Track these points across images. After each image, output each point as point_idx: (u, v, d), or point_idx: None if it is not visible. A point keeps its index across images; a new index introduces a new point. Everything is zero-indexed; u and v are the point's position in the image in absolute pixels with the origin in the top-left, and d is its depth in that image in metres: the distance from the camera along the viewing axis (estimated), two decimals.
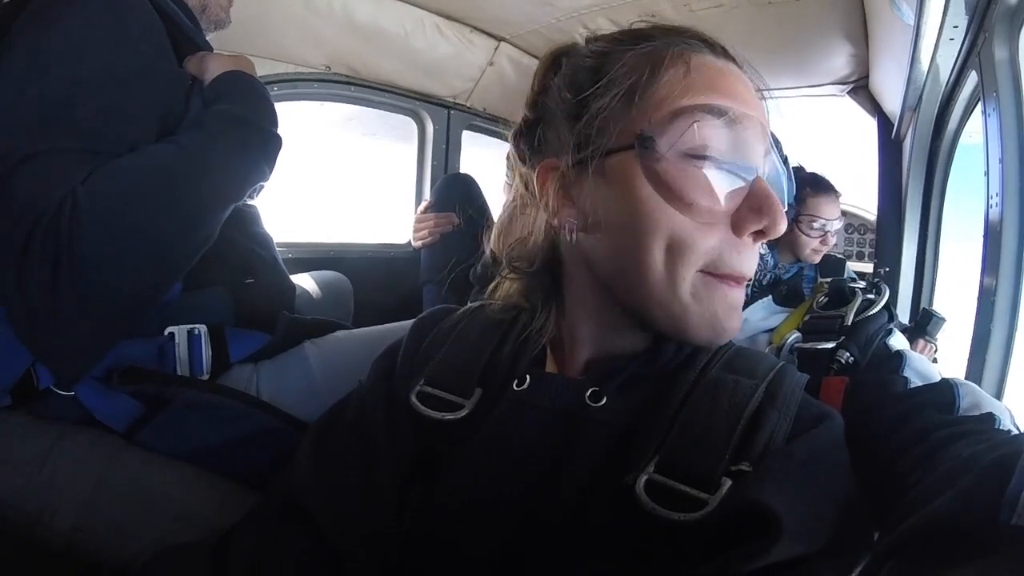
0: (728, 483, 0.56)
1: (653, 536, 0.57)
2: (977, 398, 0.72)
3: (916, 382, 0.81)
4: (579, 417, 0.66)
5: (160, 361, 1.05)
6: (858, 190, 3.22)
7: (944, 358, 2.14)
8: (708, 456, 0.58)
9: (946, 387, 0.74)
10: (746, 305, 1.06)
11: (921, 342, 2.11)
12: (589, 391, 0.67)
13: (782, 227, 0.63)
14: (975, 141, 1.72)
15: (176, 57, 1.09)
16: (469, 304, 0.89)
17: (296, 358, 1.17)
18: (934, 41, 1.47)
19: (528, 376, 0.71)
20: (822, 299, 1.01)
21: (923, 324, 2.12)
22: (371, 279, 2.27)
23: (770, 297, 1.07)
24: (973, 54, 1.47)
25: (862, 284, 1.01)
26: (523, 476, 0.65)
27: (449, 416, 0.71)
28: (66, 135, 0.89)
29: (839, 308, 0.97)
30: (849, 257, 3.57)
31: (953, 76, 1.73)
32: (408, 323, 0.90)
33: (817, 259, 2.35)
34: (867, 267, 3.25)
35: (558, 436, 0.66)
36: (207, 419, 1.04)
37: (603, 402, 0.66)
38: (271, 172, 1.13)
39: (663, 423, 0.63)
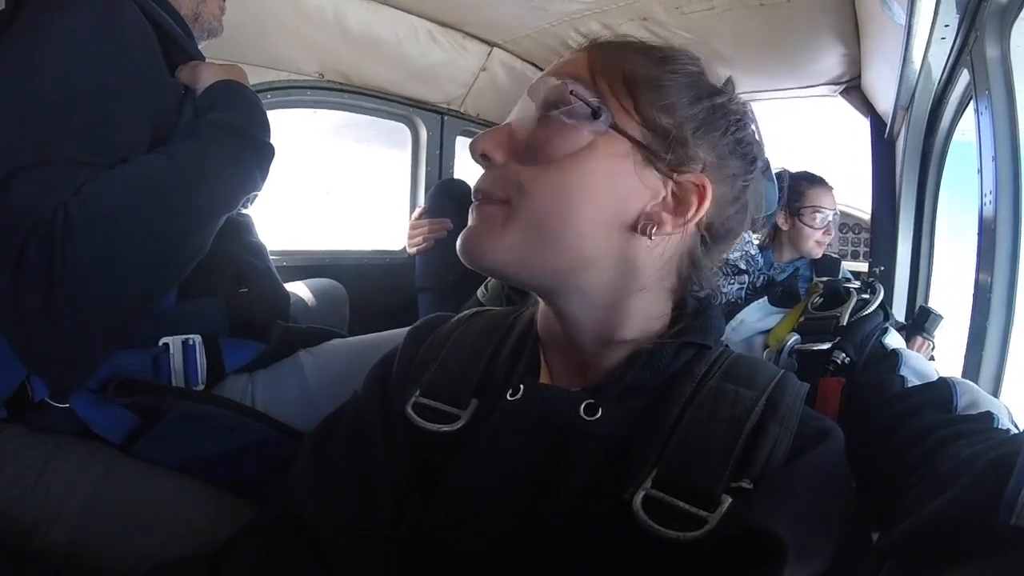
0: (728, 501, 0.56)
1: (651, 552, 0.57)
2: (975, 396, 0.73)
3: (913, 380, 0.81)
4: (573, 431, 0.65)
5: (155, 372, 1.04)
6: (852, 189, 3.23)
7: (941, 355, 2.15)
8: (708, 472, 0.58)
9: (943, 386, 0.74)
10: (741, 307, 1.06)
11: (919, 339, 2.11)
12: (584, 404, 0.66)
13: (475, 145, 0.68)
14: (968, 139, 1.72)
15: (168, 66, 1.09)
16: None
17: (291, 367, 1.17)
18: (926, 40, 1.47)
19: (521, 386, 0.70)
20: (817, 300, 1.01)
21: (920, 321, 2.12)
22: (366, 286, 2.27)
23: (765, 298, 1.06)
24: (965, 53, 1.48)
25: (857, 284, 1.01)
26: (516, 489, 0.65)
27: (445, 428, 0.70)
28: (59, 145, 0.89)
29: (834, 308, 0.97)
30: (844, 256, 3.57)
31: (945, 75, 1.73)
32: (403, 331, 0.89)
33: (820, 252, 2.35)
34: (862, 266, 3.25)
35: (551, 449, 0.65)
36: (203, 430, 1.04)
37: (598, 415, 0.65)
38: (264, 181, 1.13)
39: (661, 435, 0.62)
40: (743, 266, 1.06)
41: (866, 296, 0.97)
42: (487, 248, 0.66)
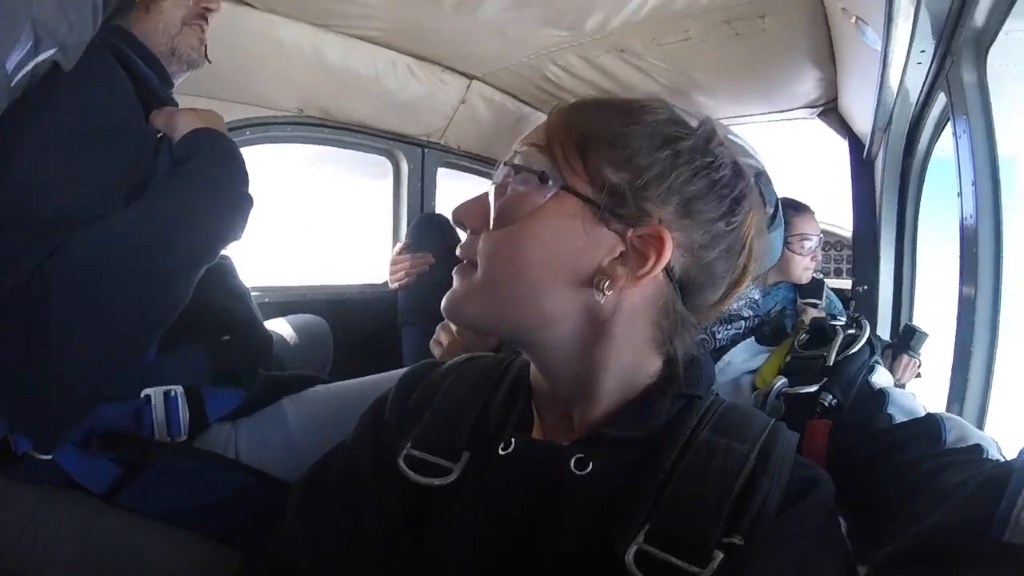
0: (720, 556, 0.55)
1: None
2: (963, 431, 0.74)
3: (900, 418, 0.81)
4: (564, 485, 0.64)
5: (137, 423, 1.04)
6: (832, 208, 3.26)
7: (927, 372, 2.16)
8: (699, 527, 0.57)
9: (932, 421, 0.76)
10: (728, 348, 1.05)
11: (905, 358, 2.12)
12: (574, 458, 0.65)
13: (454, 213, 0.72)
14: (948, 155, 1.74)
15: (144, 112, 1.09)
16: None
17: (274, 415, 1.17)
18: (902, 65, 1.49)
19: (513, 440, 0.69)
20: (803, 336, 1.01)
21: (906, 339, 2.15)
22: (349, 321, 2.28)
23: (752, 338, 1.06)
24: (941, 77, 1.49)
25: (843, 321, 1.01)
26: (507, 543, 0.64)
27: (436, 482, 0.69)
28: (35, 205, 0.89)
29: (820, 347, 0.96)
30: (827, 274, 3.59)
31: (922, 98, 1.75)
32: (386, 375, 0.89)
33: (808, 277, 2.37)
34: (845, 283, 3.27)
35: (542, 504, 0.64)
36: (184, 481, 1.04)
37: (588, 469, 0.64)
38: (243, 232, 1.12)
39: (652, 488, 0.61)
40: (746, 313, 1.06)
41: (853, 332, 0.97)
42: (460, 308, 0.70)
